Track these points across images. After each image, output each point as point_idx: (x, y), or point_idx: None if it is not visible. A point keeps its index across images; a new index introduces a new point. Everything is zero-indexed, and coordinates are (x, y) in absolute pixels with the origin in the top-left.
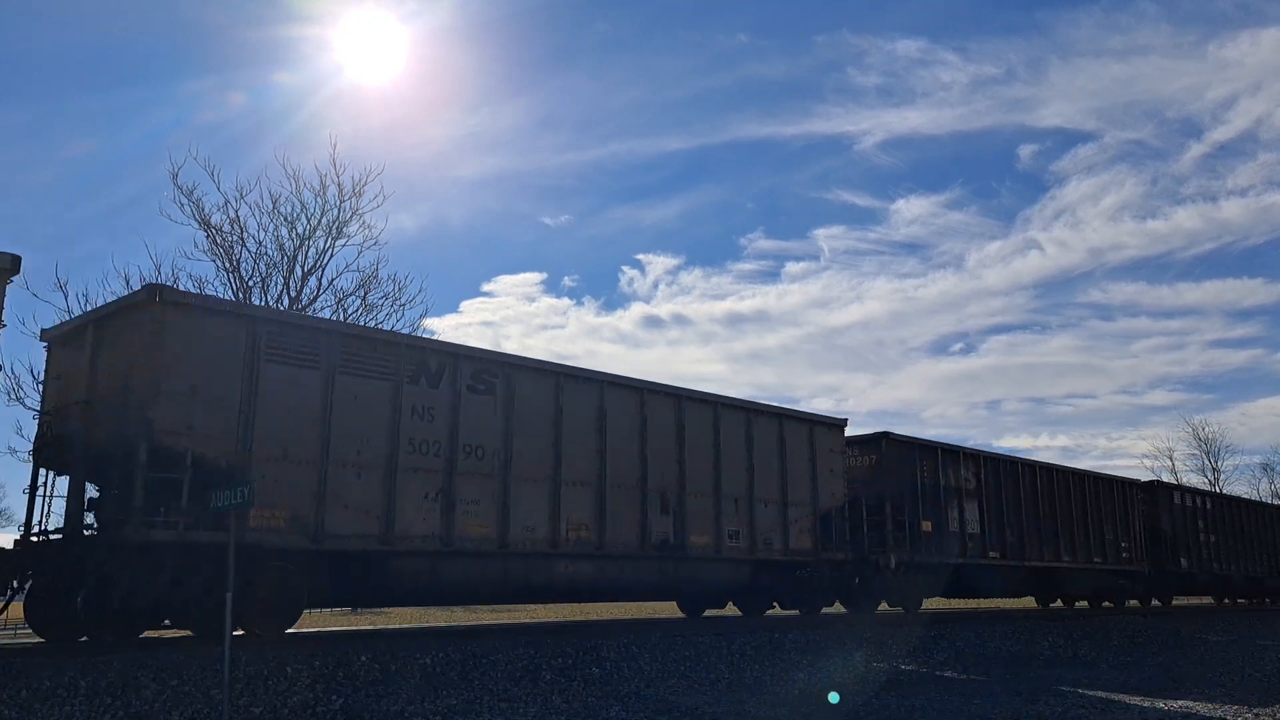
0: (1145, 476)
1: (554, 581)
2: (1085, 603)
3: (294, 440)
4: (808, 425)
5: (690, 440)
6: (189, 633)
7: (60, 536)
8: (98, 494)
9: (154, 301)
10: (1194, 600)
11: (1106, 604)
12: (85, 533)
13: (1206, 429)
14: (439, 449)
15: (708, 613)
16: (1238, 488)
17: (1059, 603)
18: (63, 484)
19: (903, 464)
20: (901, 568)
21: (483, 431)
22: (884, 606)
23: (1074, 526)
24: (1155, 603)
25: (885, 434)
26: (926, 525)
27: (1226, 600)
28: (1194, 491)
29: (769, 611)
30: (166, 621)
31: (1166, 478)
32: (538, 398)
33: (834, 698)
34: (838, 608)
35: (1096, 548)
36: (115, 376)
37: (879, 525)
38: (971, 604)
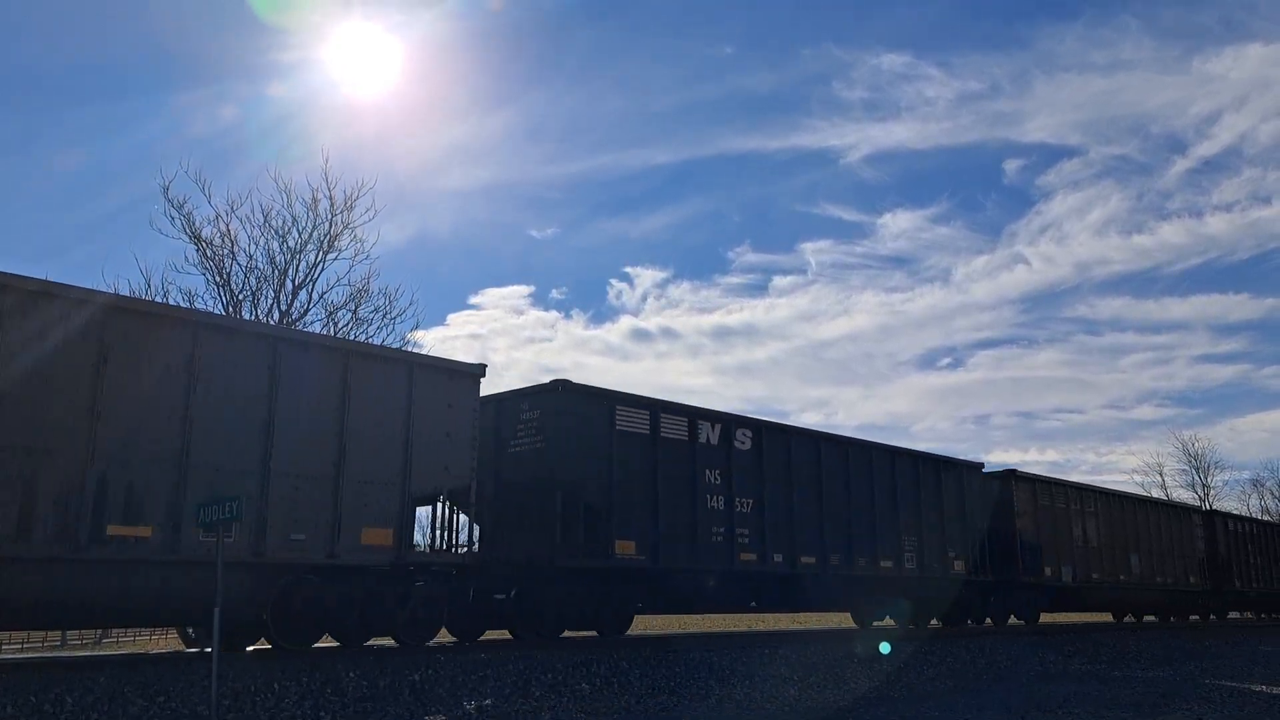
0: (1137, 492)
1: None
2: None
3: None
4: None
5: None
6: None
7: None
8: None
9: None
10: None
11: None
12: None
13: (1196, 444)
14: None
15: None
16: (1228, 503)
17: None
18: None
19: None
20: None
21: None
22: None
23: None
24: None
25: None
26: None
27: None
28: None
29: None
30: None
31: (1157, 493)
32: None
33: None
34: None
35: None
36: None
37: None
38: None
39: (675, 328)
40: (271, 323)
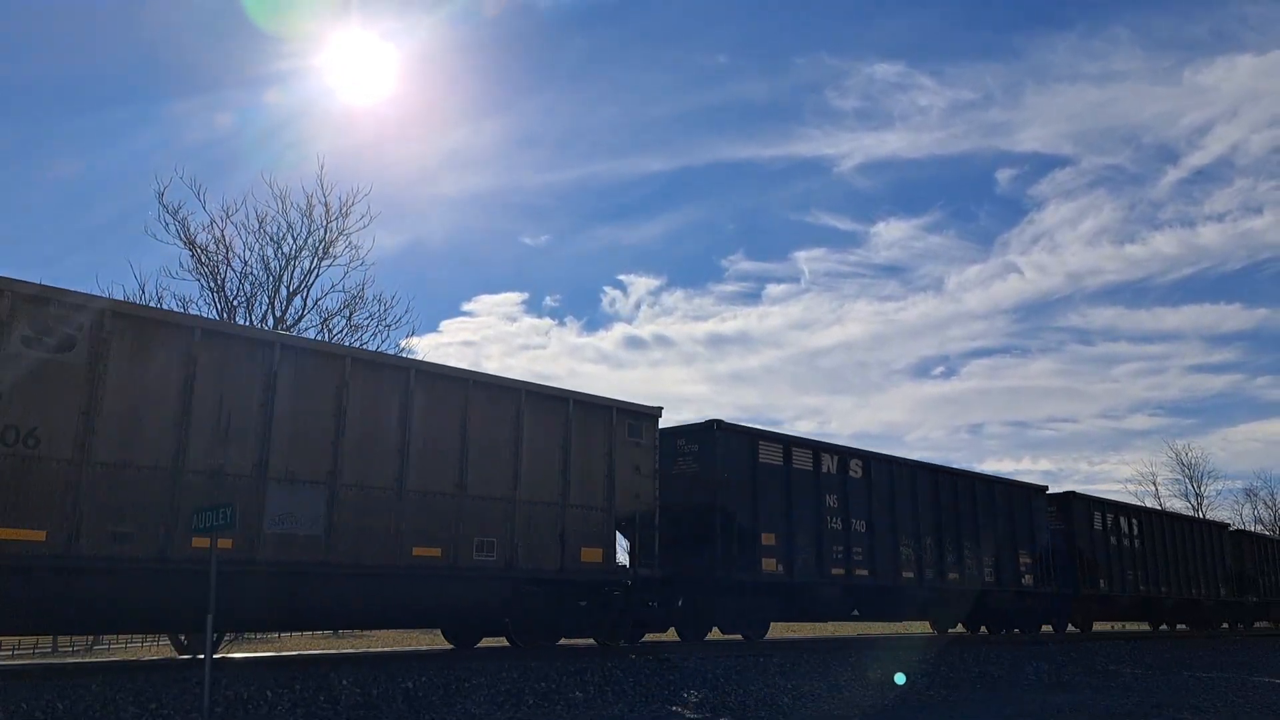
0: (1130, 501)
1: None
2: None
3: None
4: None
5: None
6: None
7: None
8: None
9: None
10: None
11: None
12: None
13: (1189, 453)
14: None
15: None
16: (1221, 513)
17: None
18: None
19: None
20: None
21: None
22: None
23: None
24: None
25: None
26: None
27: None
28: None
29: None
30: None
31: (1150, 502)
32: None
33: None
34: None
35: None
36: None
37: None
38: None
39: (669, 335)
40: (268, 328)
